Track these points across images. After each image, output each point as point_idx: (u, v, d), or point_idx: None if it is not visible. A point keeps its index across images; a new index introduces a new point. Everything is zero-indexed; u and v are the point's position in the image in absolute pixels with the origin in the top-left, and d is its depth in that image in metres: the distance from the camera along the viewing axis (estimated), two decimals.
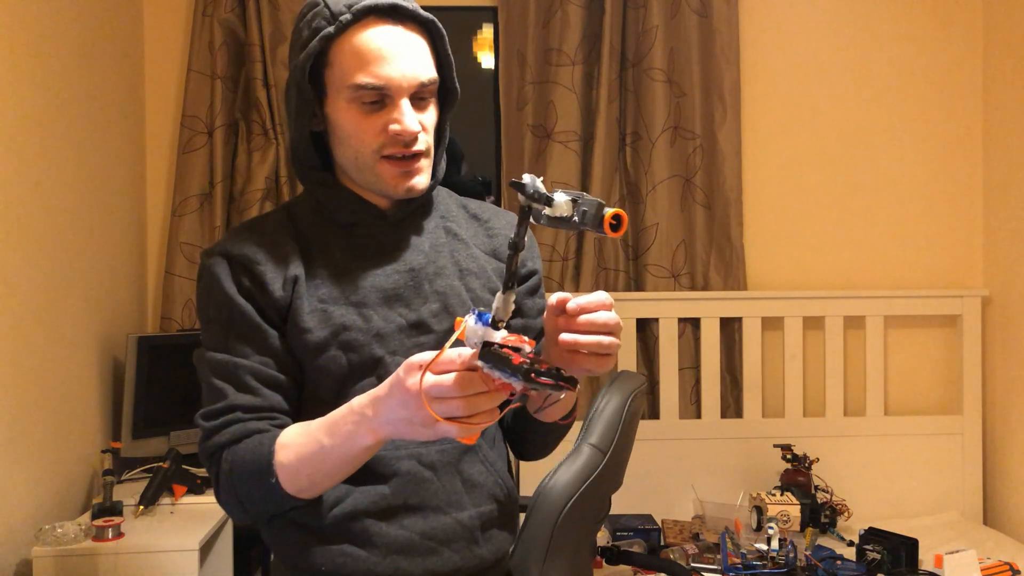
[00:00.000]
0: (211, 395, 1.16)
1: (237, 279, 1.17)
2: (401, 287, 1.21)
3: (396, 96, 1.15)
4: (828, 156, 3.09)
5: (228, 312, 1.16)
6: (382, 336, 1.18)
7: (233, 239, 1.21)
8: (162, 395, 2.53)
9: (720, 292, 2.99)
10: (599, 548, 2.41)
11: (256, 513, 1.15)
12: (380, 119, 1.16)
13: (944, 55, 3.10)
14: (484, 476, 1.24)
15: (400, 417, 0.96)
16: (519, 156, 2.98)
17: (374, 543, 1.16)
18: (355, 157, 1.19)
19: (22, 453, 2.05)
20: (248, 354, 1.16)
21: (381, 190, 1.20)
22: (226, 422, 1.14)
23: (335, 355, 1.16)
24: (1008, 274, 2.97)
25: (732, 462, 2.94)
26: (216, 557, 2.29)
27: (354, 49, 1.14)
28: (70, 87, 2.36)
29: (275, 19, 2.86)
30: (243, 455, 1.11)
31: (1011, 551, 2.56)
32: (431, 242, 1.25)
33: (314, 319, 1.17)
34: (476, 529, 1.21)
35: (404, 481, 1.18)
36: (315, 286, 1.18)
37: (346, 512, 1.16)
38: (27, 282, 2.10)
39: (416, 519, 1.18)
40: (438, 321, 1.21)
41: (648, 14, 2.97)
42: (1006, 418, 2.94)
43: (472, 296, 1.25)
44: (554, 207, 0.91)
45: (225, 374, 1.15)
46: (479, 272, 1.27)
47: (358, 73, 1.14)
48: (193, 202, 2.86)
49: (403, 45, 1.15)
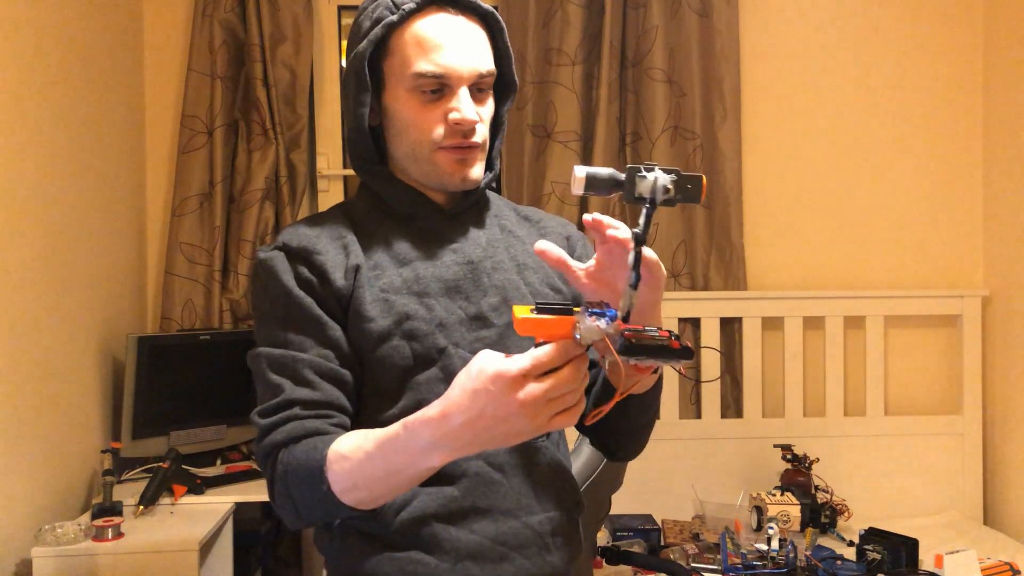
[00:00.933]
0: (267, 391, 1.11)
1: (296, 270, 1.14)
2: (461, 279, 1.18)
3: (456, 85, 1.15)
4: (828, 156, 3.09)
5: (285, 305, 1.13)
6: (445, 326, 1.15)
7: (290, 233, 1.18)
8: (162, 395, 2.54)
9: (720, 292, 2.99)
10: (599, 548, 2.40)
11: (312, 519, 1.09)
12: (439, 108, 1.15)
13: (944, 55, 3.10)
14: (552, 479, 1.19)
15: (500, 433, 0.89)
16: (519, 156, 2.98)
17: (444, 548, 1.11)
18: (413, 148, 1.18)
19: (22, 453, 2.05)
20: (307, 347, 1.12)
21: (438, 180, 1.19)
22: (284, 419, 1.08)
23: (398, 345, 1.13)
24: (1008, 274, 2.97)
25: (732, 462, 2.94)
26: (216, 557, 2.29)
27: (415, 37, 1.14)
28: (70, 87, 2.36)
29: (275, 19, 2.86)
30: (298, 457, 1.05)
31: (1011, 551, 2.56)
32: (488, 237, 1.24)
33: (376, 308, 1.13)
34: (547, 535, 1.16)
35: (473, 483, 1.13)
36: (376, 276, 1.16)
37: (414, 516, 1.11)
38: (27, 282, 2.10)
39: (486, 523, 1.13)
40: (498, 315, 1.18)
41: (648, 14, 2.97)
42: (1006, 418, 2.94)
43: (531, 290, 1.22)
44: (669, 191, 0.88)
45: (282, 369, 1.11)
46: (536, 267, 1.25)
47: (419, 60, 1.13)
48: (193, 202, 2.86)
49: (464, 35, 1.15)
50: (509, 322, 1.18)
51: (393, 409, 1.13)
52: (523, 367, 0.85)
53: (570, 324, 0.86)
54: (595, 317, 0.84)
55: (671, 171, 0.89)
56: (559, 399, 0.86)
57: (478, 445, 0.91)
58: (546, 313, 0.87)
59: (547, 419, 0.87)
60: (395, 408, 1.13)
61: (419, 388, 1.13)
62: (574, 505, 1.23)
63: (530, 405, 0.85)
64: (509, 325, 1.17)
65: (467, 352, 1.15)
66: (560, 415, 0.87)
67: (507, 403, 0.86)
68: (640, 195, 0.89)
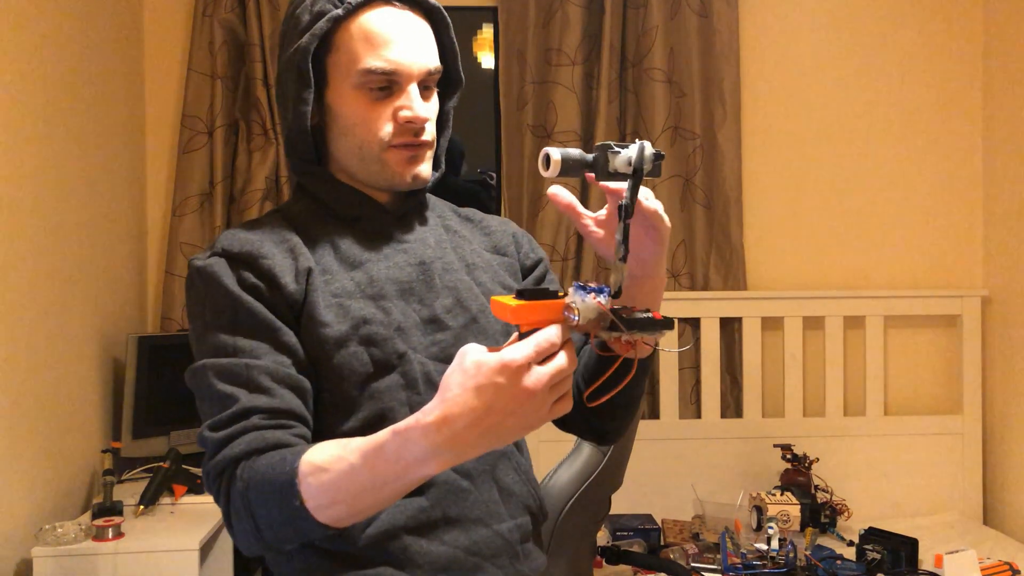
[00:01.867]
0: (217, 404, 1.02)
1: (240, 276, 1.07)
2: (414, 280, 1.14)
3: (405, 83, 1.11)
4: (828, 156, 3.09)
5: (232, 311, 1.05)
6: (403, 330, 1.10)
7: (228, 238, 1.10)
8: (162, 395, 2.53)
9: (720, 292, 2.99)
10: (599, 548, 2.40)
11: (276, 541, 0.97)
12: (388, 106, 1.11)
13: (944, 55, 3.10)
14: (518, 485, 1.16)
15: (508, 427, 0.83)
16: (519, 156, 2.98)
17: (415, 562, 1.05)
18: (360, 147, 1.13)
19: (22, 453, 2.05)
20: (261, 354, 1.03)
21: (387, 180, 1.15)
22: (241, 429, 0.99)
23: (356, 351, 1.07)
24: (1008, 274, 2.97)
25: (732, 462, 2.94)
26: (216, 557, 2.29)
27: (363, 32, 1.09)
28: (70, 87, 2.36)
29: (275, 19, 2.85)
30: (262, 471, 0.95)
31: (1011, 551, 2.56)
32: (435, 237, 1.20)
33: (331, 313, 1.07)
34: (517, 542, 1.13)
35: (442, 491, 1.08)
36: (326, 281, 1.10)
37: (382, 530, 1.05)
38: (27, 282, 2.10)
39: (457, 533, 1.08)
40: (452, 317, 1.14)
41: (648, 14, 2.97)
42: (1006, 418, 2.94)
43: (483, 290, 1.19)
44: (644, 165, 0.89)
45: (234, 378, 1.02)
46: (485, 266, 1.22)
47: (368, 56, 1.09)
48: (193, 202, 2.86)
49: (412, 30, 1.12)
50: (465, 323, 1.15)
51: (352, 421, 1.07)
52: (527, 354, 0.81)
53: (561, 307, 0.84)
54: (594, 294, 0.83)
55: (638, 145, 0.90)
56: (558, 385, 0.84)
57: (482, 446, 0.85)
58: (533, 299, 0.85)
59: (549, 407, 0.84)
60: (354, 420, 1.07)
61: (380, 397, 1.08)
62: (539, 511, 1.20)
63: (539, 393, 0.82)
64: (465, 327, 1.15)
65: (424, 357, 1.11)
66: (559, 402, 0.85)
67: (516, 393, 0.81)
68: (615, 170, 0.89)
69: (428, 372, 1.11)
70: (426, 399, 1.07)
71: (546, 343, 0.82)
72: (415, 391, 1.10)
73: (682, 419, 2.97)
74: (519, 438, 0.88)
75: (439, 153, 1.23)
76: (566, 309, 0.84)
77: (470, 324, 1.16)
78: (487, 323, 1.17)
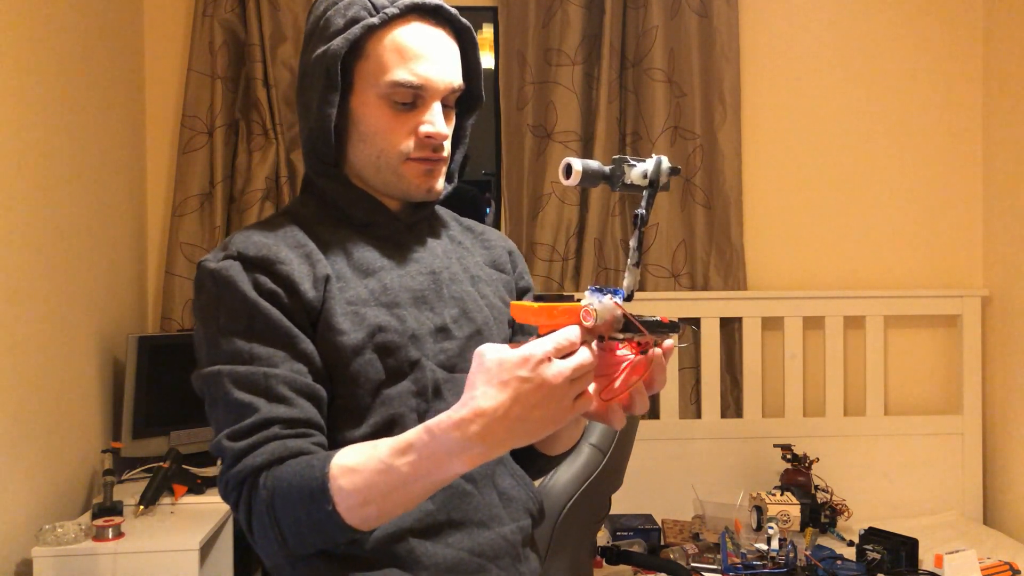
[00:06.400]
0: (234, 412, 1.01)
1: (256, 281, 1.06)
2: (426, 289, 1.15)
3: (430, 98, 1.13)
4: (828, 156, 3.09)
5: (248, 317, 1.04)
6: (416, 338, 1.12)
7: (243, 241, 1.09)
8: (162, 395, 2.53)
9: (720, 292, 2.99)
10: (599, 548, 2.41)
11: (301, 548, 0.98)
12: (411, 120, 1.13)
13: (944, 55, 3.11)
14: (517, 489, 1.19)
15: (534, 419, 0.86)
16: (519, 156, 2.98)
17: (422, 564, 1.07)
18: (378, 156, 1.14)
19: (22, 453, 2.05)
20: (278, 362, 1.03)
21: (402, 190, 1.16)
22: (263, 439, 0.99)
23: (370, 359, 1.08)
24: (1008, 274, 2.97)
25: (732, 462, 2.94)
26: (216, 557, 2.29)
27: (396, 44, 1.10)
28: (70, 87, 2.36)
29: (275, 19, 2.86)
30: (288, 479, 0.96)
31: (1011, 551, 2.56)
32: (443, 247, 1.23)
33: (347, 321, 1.07)
34: (519, 544, 1.16)
35: (447, 495, 1.10)
36: (341, 288, 1.09)
37: (389, 533, 1.06)
38: (27, 282, 2.10)
39: (461, 536, 1.10)
40: (458, 327, 1.16)
41: (648, 14, 2.97)
42: (1006, 418, 2.94)
43: (486, 302, 1.21)
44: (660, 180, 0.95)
45: (252, 386, 1.01)
46: (487, 280, 1.25)
47: (398, 69, 1.10)
48: (193, 202, 2.86)
49: (442, 48, 1.13)
50: (469, 334, 1.17)
51: (363, 427, 1.08)
52: (547, 349, 0.85)
53: (579, 310, 0.88)
54: (610, 295, 0.89)
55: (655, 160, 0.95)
56: (578, 381, 0.86)
57: (510, 441, 0.87)
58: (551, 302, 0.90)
59: (571, 403, 0.87)
60: (365, 426, 1.08)
61: (391, 403, 1.09)
62: (539, 514, 1.23)
63: (561, 385, 0.84)
64: (469, 337, 1.17)
65: (435, 364, 1.13)
66: (580, 399, 0.88)
67: (540, 386, 0.84)
68: (631, 183, 0.94)
69: (437, 380, 1.14)
70: (433, 406, 1.11)
71: (565, 340, 0.86)
72: (424, 399, 1.12)
73: (682, 419, 2.98)
74: (547, 433, 0.89)
75: (453, 168, 1.25)
76: (584, 310, 0.88)
77: (474, 335, 1.18)
78: (490, 335, 1.20)
